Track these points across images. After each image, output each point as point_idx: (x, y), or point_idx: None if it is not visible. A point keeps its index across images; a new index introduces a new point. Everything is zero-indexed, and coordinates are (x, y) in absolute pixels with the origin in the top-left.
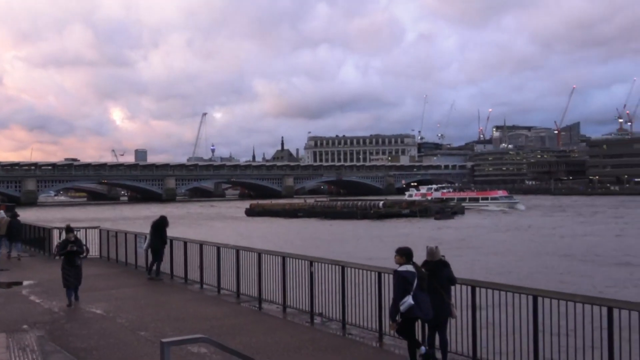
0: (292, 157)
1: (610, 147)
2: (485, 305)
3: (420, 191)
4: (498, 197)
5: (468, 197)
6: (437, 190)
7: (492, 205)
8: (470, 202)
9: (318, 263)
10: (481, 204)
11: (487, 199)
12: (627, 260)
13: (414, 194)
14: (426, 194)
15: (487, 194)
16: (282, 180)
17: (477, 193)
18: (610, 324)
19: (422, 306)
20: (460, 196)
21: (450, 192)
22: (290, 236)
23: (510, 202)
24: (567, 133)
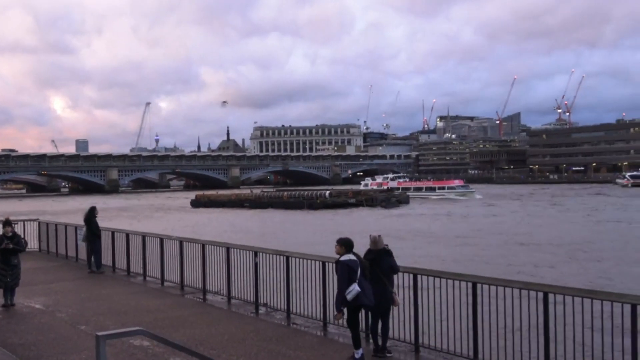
0: (238, 147)
1: (549, 136)
2: (426, 292)
3: (377, 180)
4: (455, 186)
5: (425, 187)
6: (393, 180)
7: (449, 194)
8: (427, 191)
9: (262, 253)
10: (438, 193)
11: (444, 188)
12: (576, 247)
13: (369, 183)
14: (382, 183)
15: (444, 183)
16: (228, 170)
17: (434, 182)
18: (546, 308)
19: (367, 293)
20: (417, 185)
21: (407, 182)
22: (235, 227)
23: (467, 191)
24: (509, 123)
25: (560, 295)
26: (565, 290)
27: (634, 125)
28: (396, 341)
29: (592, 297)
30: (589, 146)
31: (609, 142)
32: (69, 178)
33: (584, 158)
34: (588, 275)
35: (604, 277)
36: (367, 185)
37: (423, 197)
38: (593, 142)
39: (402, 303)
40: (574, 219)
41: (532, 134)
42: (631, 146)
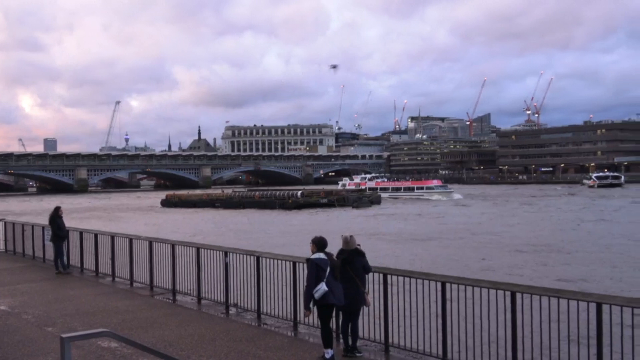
0: (209, 146)
1: (518, 137)
2: (396, 292)
3: (354, 180)
4: (433, 187)
5: (403, 187)
6: (371, 180)
7: (427, 195)
8: (405, 191)
9: (233, 253)
10: (416, 193)
11: (422, 188)
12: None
13: (347, 183)
14: (360, 183)
15: (423, 183)
16: (199, 170)
17: (412, 182)
18: (514, 307)
19: (335, 293)
20: (396, 185)
21: (385, 182)
22: (206, 227)
23: (446, 191)
24: (479, 124)
25: (528, 294)
26: (533, 289)
27: (601, 127)
28: (366, 341)
29: (558, 296)
30: (557, 147)
31: (577, 143)
32: (36, 177)
33: (553, 159)
34: (556, 274)
35: (573, 277)
36: (344, 185)
37: (401, 197)
38: (561, 143)
39: (372, 303)
40: (545, 219)
41: (502, 135)
42: (598, 147)
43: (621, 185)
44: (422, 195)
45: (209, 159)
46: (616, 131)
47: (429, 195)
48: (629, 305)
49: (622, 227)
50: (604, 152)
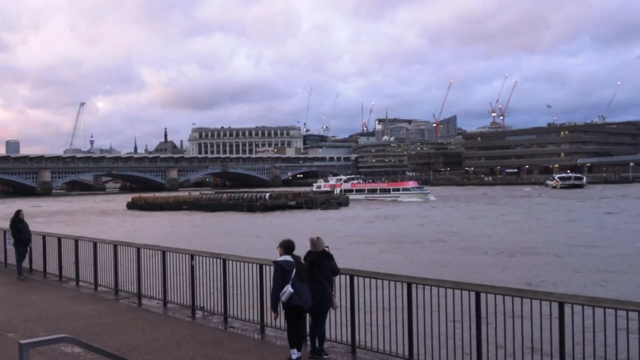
0: (176, 149)
1: (484, 139)
2: (363, 293)
3: (330, 182)
4: (410, 188)
5: (379, 188)
6: (346, 182)
7: (404, 197)
8: (381, 192)
9: (199, 256)
10: (393, 195)
11: (398, 189)
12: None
13: (322, 185)
14: (335, 185)
15: (399, 185)
16: (165, 172)
17: (388, 184)
18: (478, 307)
19: (301, 295)
20: (372, 187)
21: (360, 183)
22: (173, 230)
23: (422, 192)
24: (445, 126)
25: (492, 294)
26: (496, 289)
27: (564, 129)
28: (333, 342)
29: (521, 295)
30: (522, 149)
31: (541, 145)
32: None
33: (517, 160)
34: (521, 274)
35: (537, 277)
36: (319, 187)
37: (377, 199)
38: (526, 145)
39: (339, 304)
40: (510, 220)
41: (468, 137)
42: (561, 149)
43: (583, 186)
44: (398, 196)
45: (176, 161)
46: (579, 133)
47: (406, 196)
48: (590, 304)
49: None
50: (567, 154)
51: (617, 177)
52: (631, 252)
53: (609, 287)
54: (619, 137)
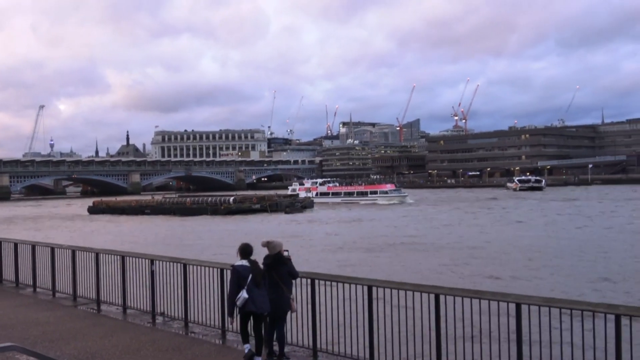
0: (138, 152)
1: (446, 142)
2: (324, 297)
3: (305, 185)
4: (387, 191)
5: (356, 191)
6: (322, 185)
7: (381, 199)
8: (358, 195)
9: (159, 261)
10: (370, 197)
11: (375, 192)
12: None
13: (297, 188)
14: (311, 188)
15: (376, 187)
16: (127, 176)
17: (365, 187)
18: (437, 309)
19: (256, 301)
20: (348, 190)
21: (337, 186)
22: (134, 234)
23: (400, 195)
24: (409, 129)
25: (451, 296)
26: (455, 291)
27: (525, 132)
28: (294, 347)
29: (479, 297)
30: (483, 152)
31: (502, 148)
32: None
33: (479, 163)
34: (482, 275)
35: (498, 277)
36: (294, 190)
37: (354, 202)
38: (487, 148)
39: (299, 308)
40: (475, 223)
41: (431, 140)
42: (522, 152)
43: (542, 189)
44: (376, 199)
45: (138, 164)
46: (539, 136)
47: (384, 199)
48: (546, 305)
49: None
50: (528, 157)
51: (577, 180)
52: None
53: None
54: (578, 140)
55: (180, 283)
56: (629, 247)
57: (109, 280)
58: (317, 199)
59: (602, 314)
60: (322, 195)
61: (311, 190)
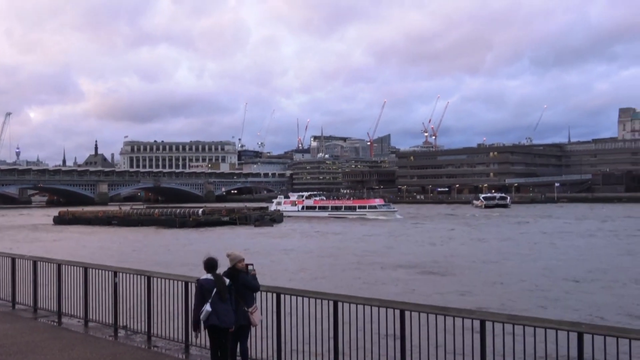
0: (106, 162)
1: (416, 158)
2: (289, 311)
3: (290, 199)
4: (376, 206)
5: (344, 206)
6: (308, 198)
7: (370, 214)
8: (346, 210)
9: (122, 273)
10: (359, 212)
11: (364, 207)
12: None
13: (282, 201)
14: (297, 201)
15: (365, 202)
16: (95, 186)
17: (353, 201)
18: (402, 325)
19: (220, 314)
20: (336, 204)
21: (324, 200)
22: (100, 245)
23: (390, 210)
24: (379, 144)
25: (416, 312)
26: (420, 307)
27: (493, 150)
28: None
29: (445, 313)
30: (452, 168)
31: (471, 164)
32: None
33: (448, 179)
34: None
35: (466, 294)
36: (279, 204)
37: (341, 216)
38: (456, 165)
39: (264, 322)
40: (427, 239)
41: (401, 156)
42: (491, 169)
43: (507, 206)
44: (365, 214)
45: (106, 174)
46: (507, 154)
47: (373, 214)
48: (510, 322)
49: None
50: (496, 174)
51: (543, 197)
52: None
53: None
54: (545, 159)
55: (144, 296)
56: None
57: (70, 292)
58: (303, 213)
59: (565, 332)
60: (308, 209)
61: (297, 203)
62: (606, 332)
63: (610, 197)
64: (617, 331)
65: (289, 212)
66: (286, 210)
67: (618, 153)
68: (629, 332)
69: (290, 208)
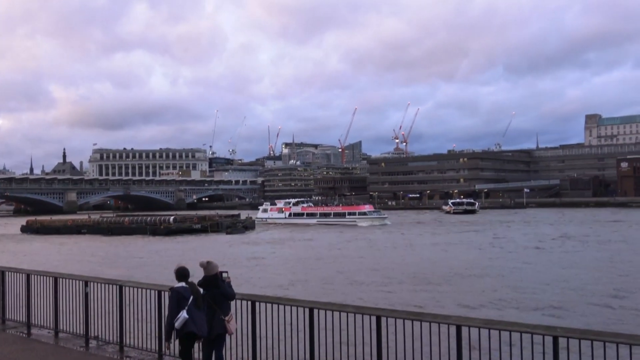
0: (75, 170)
1: (387, 165)
2: (265, 319)
3: (277, 206)
4: (366, 212)
5: (333, 212)
6: (296, 205)
7: (361, 221)
8: (335, 217)
9: (93, 283)
10: (348, 219)
11: (354, 214)
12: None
13: (269, 208)
14: (284, 208)
15: (355, 209)
16: (63, 195)
17: (342, 208)
18: (379, 331)
19: (196, 321)
20: (325, 211)
21: (311, 207)
22: (69, 255)
23: (380, 217)
24: (350, 151)
25: (392, 318)
26: (396, 313)
27: (463, 156)
28: None
29: (420, 319)
30: (423, 174)
31: (441, 170)
32: None
33: (420, 185)
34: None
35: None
36: (266, 211)
37: (330, 223)
38: (427, 171)
39: (240, 330)
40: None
41: (372, 162)
42: (461, 175)
43: (475, 212)
44: (355, 221)
45: (75, 183)
46: (477, 160)
47: (363, 221)
48: (486, 327)
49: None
50: (466, 180)
51: (512, 203)
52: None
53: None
54: (514, 164)
55: (116, 305)
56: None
57: (40, 302)
58: (291, 220)
59: (540, 335)
60: (295, 216)
61: (284, 210)
62: (580, 336)
63: (578, 202)
64: (591, 334)
65: (276, 219)
66: (272, 217)
67: (585, 159)
68: (603, 335)
69: (277, 215)
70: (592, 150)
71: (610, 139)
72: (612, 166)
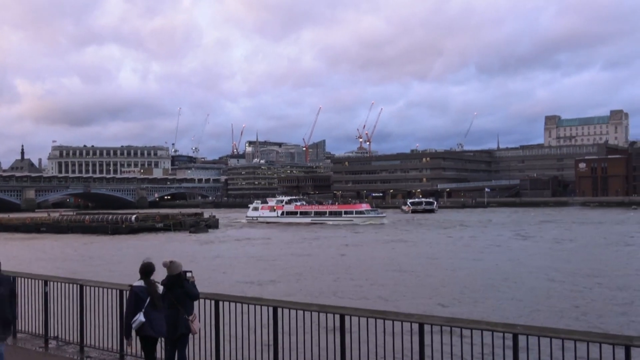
0: (33, 167)
1: (351, 164)
2: (229, 319)
3: (269, 204)
4: (363, 211)
5: (329, 211)
6: (289, 203)
7: (358, 220)
8: (331, 215)
9: (53, 282)
10: (345, 218)
11: (351, 212)
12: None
13: (259, 207)
14: (276, 207)
15: (352, 208)
16: (21, 192)
17: (339, 206)
18: (342, 329)
19: (153, 324)
20: (320, 209)
21: (305, 205)
22: (27, 254)
23: (378, 216)
24: (314, 150)
25: (356, 316)
26: (359, 311)
27: (426, 156)
28: None
29: (383, 317)
30: (386, 174)
31: (404, 170)
32: None
33: (383, 184)
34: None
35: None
36: (257, 209)
37: (326, 222)
38: (390, 170)
39: (203, 330)
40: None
41: (336, 161)
42: (423, 174)
43: (433, 211)
44: (352, 220)
45: (33, 180)
46: (439, 160)
47: (361, 220)
48: (448, 325)
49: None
50: (428, 179)
51: (474, 202)
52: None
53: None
54: (476, 164)
55: (76, 305)
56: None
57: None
58: (283, 219)
59: (500, 333)
60: (288, 215)
61: (276, 209)
62: (539, 333)
63: (537, 201)
64: (549, 331)
65: (267, 218)
66: (263, 216)
67: (544, 159)
68: (561, 332)
69: (268, 214)
70: (552, 151)
71: (569, 140)
72: (570, 167)
